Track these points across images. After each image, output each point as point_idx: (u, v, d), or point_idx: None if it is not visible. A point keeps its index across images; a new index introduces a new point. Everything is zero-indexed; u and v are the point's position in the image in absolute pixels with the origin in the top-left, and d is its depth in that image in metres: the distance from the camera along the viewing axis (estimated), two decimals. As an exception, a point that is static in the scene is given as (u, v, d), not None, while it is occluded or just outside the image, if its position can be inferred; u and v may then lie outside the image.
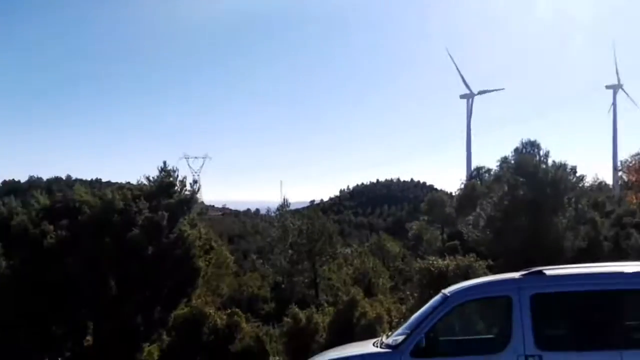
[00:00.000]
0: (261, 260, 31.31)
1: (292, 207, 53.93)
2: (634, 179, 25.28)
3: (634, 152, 27.96)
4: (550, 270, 6.81)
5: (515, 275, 6.79)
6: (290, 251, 28.21)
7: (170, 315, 15.47)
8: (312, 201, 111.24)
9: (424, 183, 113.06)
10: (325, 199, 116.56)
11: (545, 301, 6.45)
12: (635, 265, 6.90)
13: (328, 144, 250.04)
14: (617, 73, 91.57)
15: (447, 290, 6.99)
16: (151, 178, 16.71)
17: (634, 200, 26.29)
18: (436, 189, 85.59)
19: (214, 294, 23.02)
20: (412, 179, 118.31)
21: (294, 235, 28.39)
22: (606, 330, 6.38)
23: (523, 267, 7.21)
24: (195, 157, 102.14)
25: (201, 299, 16.81)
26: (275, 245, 29.24)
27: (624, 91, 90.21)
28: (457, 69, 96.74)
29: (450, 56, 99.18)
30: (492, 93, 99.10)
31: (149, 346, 15.25)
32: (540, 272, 6.69)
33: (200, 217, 20.01)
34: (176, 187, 16.64)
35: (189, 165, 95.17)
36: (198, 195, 18.85)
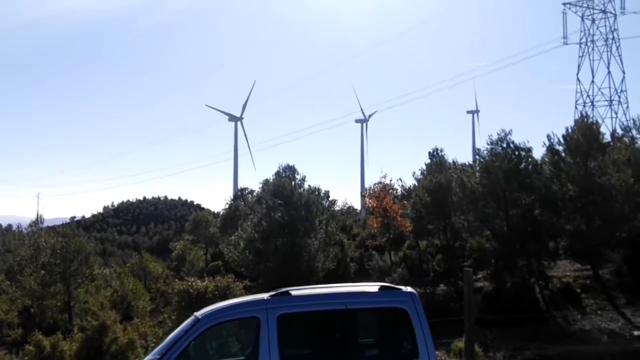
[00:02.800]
0: (9, 282, 28.17)
1: (50, 224, 49.40)
2: (374, 204, 28.59)
3: (376, 180, 31.77)
4: (297, 291, 7.05)
5: (265, 296, 6.92)
6: (42, 272, 25.80)
7: None
8: (73, 217, 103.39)
9: (192, 202, 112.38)
10: (88, 215, 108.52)
11: (290, 321, 6.62)
12: (372, 285, 7.46)
13: (92, 158, 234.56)
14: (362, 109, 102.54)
15: (199, 313, 6.92)
16: None
17: (375, 225, 29.63)
18: (203, 208, 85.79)
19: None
20: (179, 198, 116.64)
21: (47, 255, 26.06)
22: (342, 347, 6.72)
23: (280, 287, 7.36)
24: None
25: None
26: (26, 266, 26.46)
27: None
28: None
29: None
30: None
31: None
32: (287, 292, 6.89)
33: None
34: None
35: None
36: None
